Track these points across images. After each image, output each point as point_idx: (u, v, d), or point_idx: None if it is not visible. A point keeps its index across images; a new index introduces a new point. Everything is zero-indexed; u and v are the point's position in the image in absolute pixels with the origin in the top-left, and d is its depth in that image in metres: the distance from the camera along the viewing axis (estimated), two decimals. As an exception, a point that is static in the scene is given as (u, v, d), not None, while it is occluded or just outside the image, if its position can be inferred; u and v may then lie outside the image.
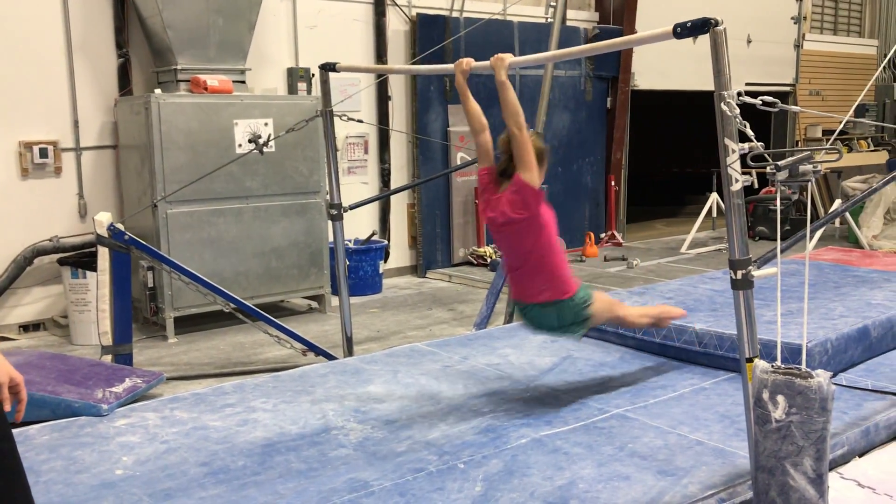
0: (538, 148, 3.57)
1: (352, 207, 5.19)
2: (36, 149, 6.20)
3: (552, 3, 6.58)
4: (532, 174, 3.48)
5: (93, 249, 5.34)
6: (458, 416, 3.86)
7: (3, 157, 6.14)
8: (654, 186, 14.57)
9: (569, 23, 9.51)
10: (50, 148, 6.26)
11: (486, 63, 3.64)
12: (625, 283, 7.66)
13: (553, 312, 3.64)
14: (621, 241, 10.17)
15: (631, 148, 10.78)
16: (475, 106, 3.78)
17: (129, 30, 6.64)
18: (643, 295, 5.50)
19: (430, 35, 8.19)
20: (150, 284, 6.10)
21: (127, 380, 4.44)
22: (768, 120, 12.34)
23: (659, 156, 14.71)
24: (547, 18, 9.20)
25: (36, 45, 6.21)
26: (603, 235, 10.10)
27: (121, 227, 4.85)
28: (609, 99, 10.06)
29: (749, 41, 11.65)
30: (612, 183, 10.15)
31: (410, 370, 4.58)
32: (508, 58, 3.62)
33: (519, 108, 3.48)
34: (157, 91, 6.16)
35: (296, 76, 7.36)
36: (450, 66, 3.92)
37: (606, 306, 3.85)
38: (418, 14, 8.21)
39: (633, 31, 9.41)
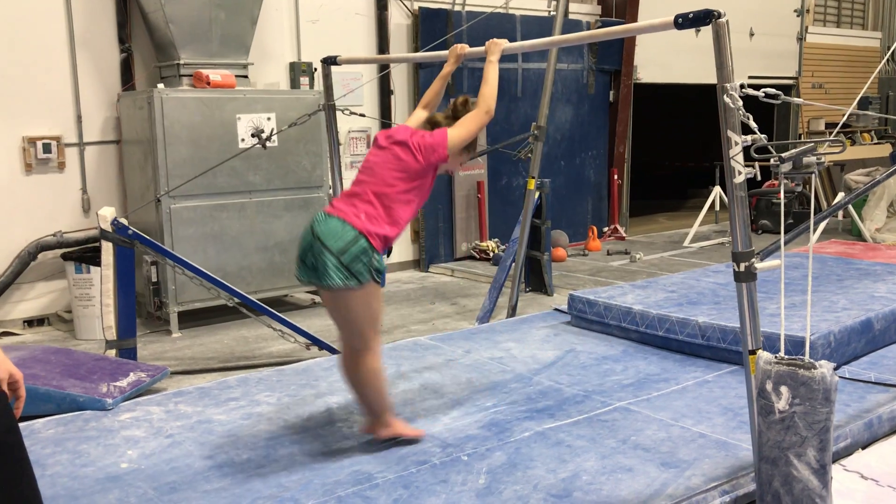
0: (475, 138, 3.45)
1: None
2: (39, 144, 6.21)
3: (554, -3, 6.56)
4: (458, 141, 3.31)
5: (96, 244, 5.35)
6: (462, 409, 3.87)
7: (7, 153, 6.15)
8: (657, 180, 14.57)
9: (571, 16, 9.50)
10: (53, 143, 6.27)
11: (482, 49, 3.65)
12: (628, 276, 7.66)
13: (343, 240, 3.14)
14: (624, 234, 10.17)
15: (634, 141, 10.77)
16: (439, 88, 3.78)
17: (131, 25, 6.64)
18: (646, 288, 5.51)
19: (432, 29, 8.18)
20: (154, 279, 6.11)
21: (131, 374, 4.45)
22: (771, 113, 12.32)
23: (662, 149, 14.70)
24: (550, 12, 9.19)
25: (39, 40, 6.21)
26: (606, 229, 10.10)
27: (124, 221, 4.86)
28: (612, 92, 10.05)
29: (752, 34, 11.62)
30: (615, 176, 10.15)
31: (414, 364, 4.60)
32: (504, 43, 3.63)
33: (495, 93, 3.44)
34: (160, 86, 6.17)
35: (298, 70, 7.36)
36: (445, 52, 3.92)
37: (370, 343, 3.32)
38: (420, 8, 8.20)
39: (635, 25, 9.38)
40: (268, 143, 6.01)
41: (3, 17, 6.02)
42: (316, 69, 7.26)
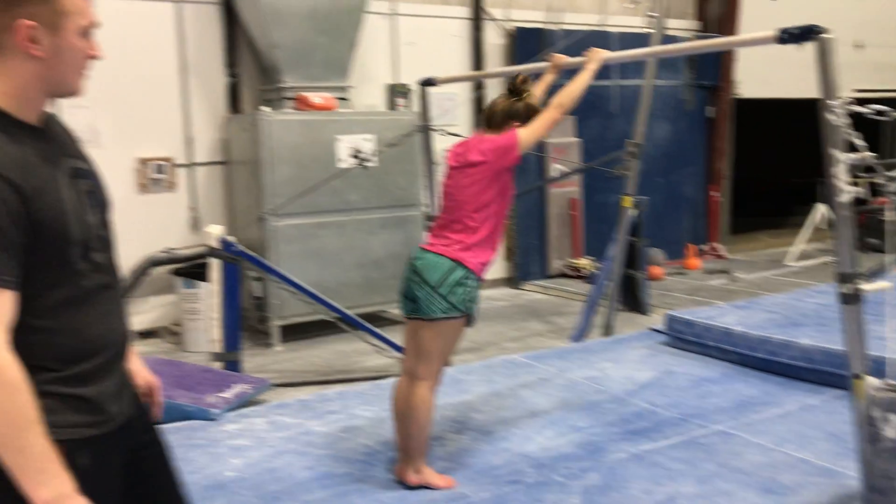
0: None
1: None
2: (152, 164, 6.56)
3: (653, 14, 6.51)
4: (529, 141, 3.29)
5: (204, 261, 5.60)
6: (556, 429, 3.87)
7: (123, 173, 6.51)
8: (758, 197, 14.12)
9: (669, 32, 9.36)
10: (165, 164, 6.61)
11: (582, 59, 3.65)
12: (727, 296, 7.47)
13: (439, 271, 3.16)
14: (723, 253, 9.92)
15: (734, 157, 10.51)
16: (540, 97, 3.73)
17: (238, 50, 6.95)
18: (747, 309, 5.37)
19: (527, 48, 8.22)
20: (258, 294, 6.34)
21: (236, 386, 4.63)
22: (881, 127, 11.80)
23: (764, 165, 14.26)
24: (648, 29, 9.09)
25: (153, 66, 6.57)
26: (704, 247, 9.88)
27: (231, 239, 5.08)
28: (710, 108, 9.85)
29: (860, 46, 11.19)
30: (714, 193, 9.92)
31: (507, 382, 4.62)
32: (604, 53, 3.61)
33: (577, 95, 3.40)
34: (265, 109, 6.42)
35: (395, 92, 7.53)
36: (546, 63, 3.93)
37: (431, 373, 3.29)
38: (516, 28, 8.26)
39: (735, 39, 9.18)
40: (366, 163, 6.18)
41: (121, 45, 6.38)
42: (412, 90, 7.41)
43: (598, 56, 3.59)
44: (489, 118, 3.40)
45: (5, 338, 1.46)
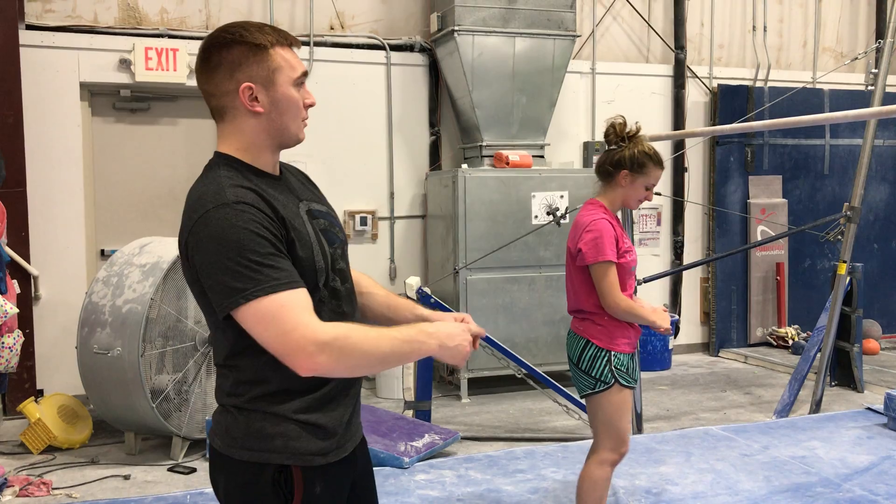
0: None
1: (645, 281, 5.14)
2: (358, 217, 6.91)
3: (873, 70, 6.10)
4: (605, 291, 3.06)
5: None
6: (760, 509, 3.61)
7: (330, 225, 6.89)
8: None
9: (889, 89, 8.73)
10: (369, 216, 6.95)
11: None
12: (957, 377, 6.72)
13: (577, 349, 3.13)
14: (951, 328, 8.95)
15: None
16: None
17: (441, 110, 7.22)
18: (984, 394, 4.80)
19: (731, 106, 7.96)
20: (448, 346, 6.44)
21: (426, 435, 4.71)
22: None
23: None
24: (867, 86, 8.54)
25: (363, 125, 6.97)
26: (927, 321, 8.97)
27: (427, 290, 5.22)
28: (937, 169, 9.02)
29: None
30: (940, 263, 9.02)
31: (705, 455, 4.38)
32: (665, 324, 3.12)
33: (626, 316, 3.08)
34: (464, 166, 6.60)
35: (591, 150, 7.50)
36: (758, 123, 3.64)
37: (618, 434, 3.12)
38: (719, 85, 8.03)
39: (968, 95, 8.41)
40: (560, 220, 6.17)
41: (335, 104, 6.83)
42: (609, 148, 7.35)
43: (664, 322, 3.12)
44: (598, 169, 3.23)
45: (317, 319, 1.61)
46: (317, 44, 6.77)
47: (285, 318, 1.57)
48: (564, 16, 6.74)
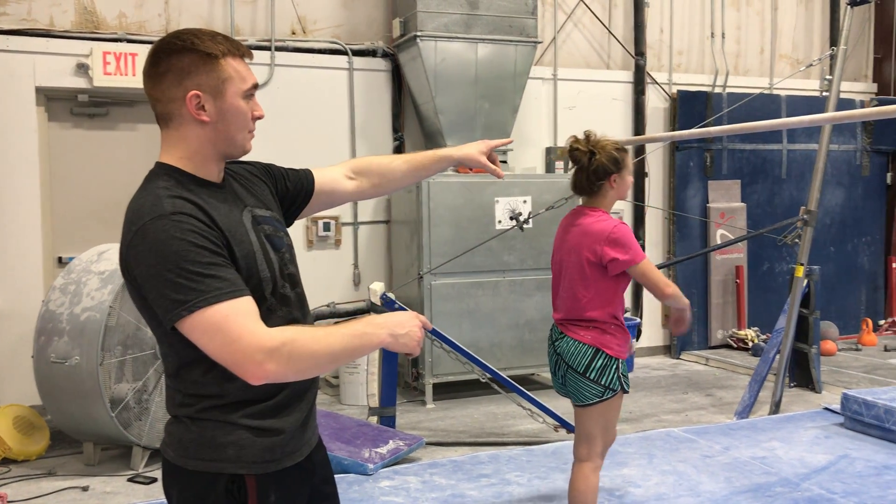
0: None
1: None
2: (321, 222, 6.87)
3: (827, 76, 6.23)
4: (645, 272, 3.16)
5: (365, 316, 5.75)
6: (721, 509, 3.65)
7: (294, 230, 6.76)
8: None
9: (843, 95, 8.92)
10: (332, 222, 6.92)
11: None
12: (910, 377, 6.88)
13: (585, 357, 3.11)
14: (904, 329, 9.17)
15: (916, 227, 9.77)
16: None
17: (404, 115, 7.22)
18: (936, 392, 4.91)
19: (690, 111, 8.07)
20: (412, 351, 6.43)
21: (391, 441, 4.69)
22: None
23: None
24: (821, 92, 8.71)
25: (325, 130, 6.93)
26: (882, 322, 9.16)
27: (392, 295, 5.21)
28: (889, 174, 9.25)
29: None
30: (893, 265, 9.23)
31: (667, 456, 4.42)
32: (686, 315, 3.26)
33: (670, 302, 3.21)
34: (427, 170, 6.60)
35: (553, 155, 7.56)
36: (715, 129, 3.73)
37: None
38: (678, 91, 8.14)
39: (919, 101, 8.63)
40: (523, 225, 6.20)
41: (299, 110, 6.80)
42: (572, 153, 7.41)
43: (684, 323, 3.25)
44: (583, 189, 3.24)
45: (263, 326, 1.59)
46: (278, 49, 6.73)
47: (230, 327, 1.55)
48: (526, 22, 6.78)
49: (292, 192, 2.02)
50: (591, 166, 3.15)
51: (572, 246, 3.18)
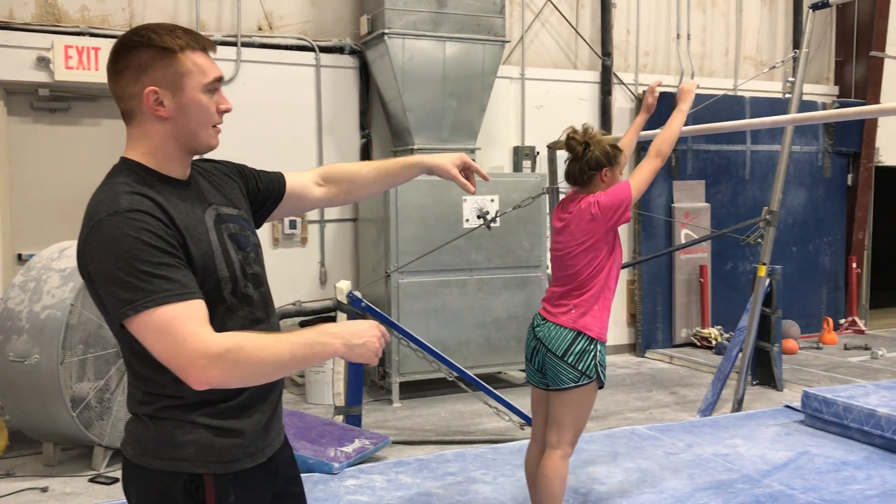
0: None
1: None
2: (287, 220, 6.82)
3: (790, 79, 6.33)
4: (637, 195, 3.21)
5: (331, 314, 5.73)
6: (683, 506, 3.69)
7: (260, 228, 6.79)
8: (900, 269, 13.29)
9: (805, 97, 9.06)
10: (298, 220, 6.87)
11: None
12: (868, 374, 7.01)
13: (564, 342, 3.14)
14: (863, 328, 9.34)
15: (875, 228, 9.96)
16: (629, 141, 3.70)
17: (372, 113, 7.20)
18: (892, 389, 5.01)
19: (656, 112, 8.09)
20: (379, 350, 6.42)
21: (357, 440, 4.68)
22: None
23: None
24: (784, 94, 8.85)
25: (292, 126, 6.89)
26: (842, 321, 9.34)
27: (358, 294, 5.19)
28: (850, 176, 9.42)
29: None
30: (854, 265, 9.41)
31: (631, 454, 4.46)
32: (693, 88, 3.54)
33: (672, 140, 3.34)
34: (395, 169, 6.58)
35: (521, 154, 7.59)
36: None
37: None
38: (643, 92, 8.19)
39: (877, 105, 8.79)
40: (491, 224, 6.22)
41: (266, 107, 6.74)
42: (539, 153, 7.44)
43: (690, 95, 3.50)
44: (576, 179, 3.29)
45: (211, 329, 1.57)
46: (244, 44, 6.68)
47: (175, 330, 1.52)
48: (494, 21, 6.79)
49: (263, 193, 2.00)
50: (584, 157, 3.23)
51: (573, 216, 3.21)
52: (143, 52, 1.65)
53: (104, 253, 1.56)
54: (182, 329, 1.53)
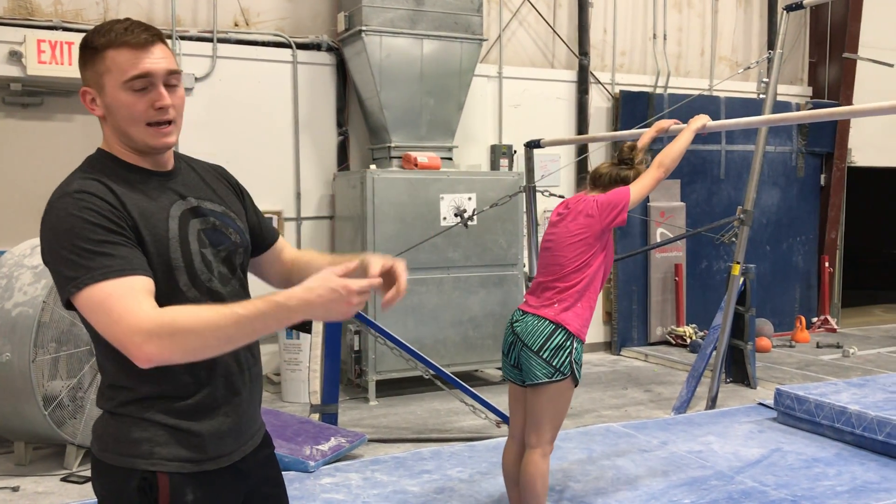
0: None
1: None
2: (263, 218, 6.78)
3: (764, 79, 6.39)
4: (636, 199, 3.24)
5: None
6: None
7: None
8: (873, 269, 13.49)
9: (779, 98, 9.16)
10: (275, 217, 6.84)
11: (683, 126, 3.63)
12: (840, 372, 7.10)
13: (542, 336, 3.16)
14: (835, 326, 9.46)
15: (847, 227, 10.09)
16: None
17: (349, 111, 7.18)
18: (863, 387, 5.09)
19: (632, 112, 8.20)
20: (356, 348, 6.41)
21: (332, 439, 4.66)
22: None
23: (879, 236, 13.65)
24: (758, 94, 8.94)
25: (269, 124, 6.85)
26: (815, 320, 9.45)
27: (334, 293, 5.16)
28: (823, 176, 9.54)
29: None
30: (826, 264, 9.53)
31: (606, 451, 4.49)
32: (706, 119, 3.61)
33: (679, 155, 3.40)
34: (372, 167, 6.58)
35: (498, 153, 7.60)
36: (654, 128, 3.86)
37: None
38: (621, 91, 8.25)
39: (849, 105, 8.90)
40: (468, 222, 6.22)
41: (242, 103, 6.70)
42: (516, 151, 7.46)
43: (701, 121, 3.61)
44: (595, 179, 3.38)
45: (151, 304, 1.52)
46: (220, 40, 6.63)
47: (112, 307, 1.50)
48: (471, 19, 6.80)
49: (256, 233, 1.93)
50: (621, 170, 3.34)
51: (571, 211, 3.27)
52: (82, 52, 1.69)
53: (51, 233, 1.59)
54: (117, 305, 1.50)
